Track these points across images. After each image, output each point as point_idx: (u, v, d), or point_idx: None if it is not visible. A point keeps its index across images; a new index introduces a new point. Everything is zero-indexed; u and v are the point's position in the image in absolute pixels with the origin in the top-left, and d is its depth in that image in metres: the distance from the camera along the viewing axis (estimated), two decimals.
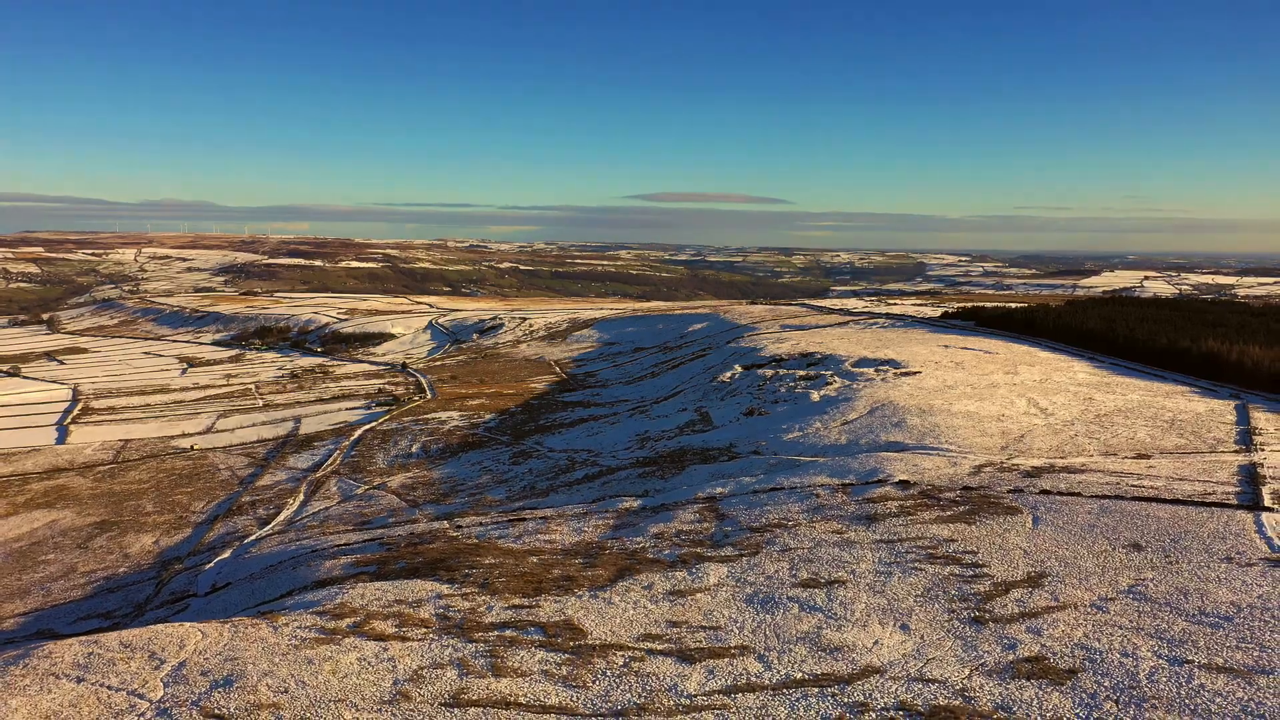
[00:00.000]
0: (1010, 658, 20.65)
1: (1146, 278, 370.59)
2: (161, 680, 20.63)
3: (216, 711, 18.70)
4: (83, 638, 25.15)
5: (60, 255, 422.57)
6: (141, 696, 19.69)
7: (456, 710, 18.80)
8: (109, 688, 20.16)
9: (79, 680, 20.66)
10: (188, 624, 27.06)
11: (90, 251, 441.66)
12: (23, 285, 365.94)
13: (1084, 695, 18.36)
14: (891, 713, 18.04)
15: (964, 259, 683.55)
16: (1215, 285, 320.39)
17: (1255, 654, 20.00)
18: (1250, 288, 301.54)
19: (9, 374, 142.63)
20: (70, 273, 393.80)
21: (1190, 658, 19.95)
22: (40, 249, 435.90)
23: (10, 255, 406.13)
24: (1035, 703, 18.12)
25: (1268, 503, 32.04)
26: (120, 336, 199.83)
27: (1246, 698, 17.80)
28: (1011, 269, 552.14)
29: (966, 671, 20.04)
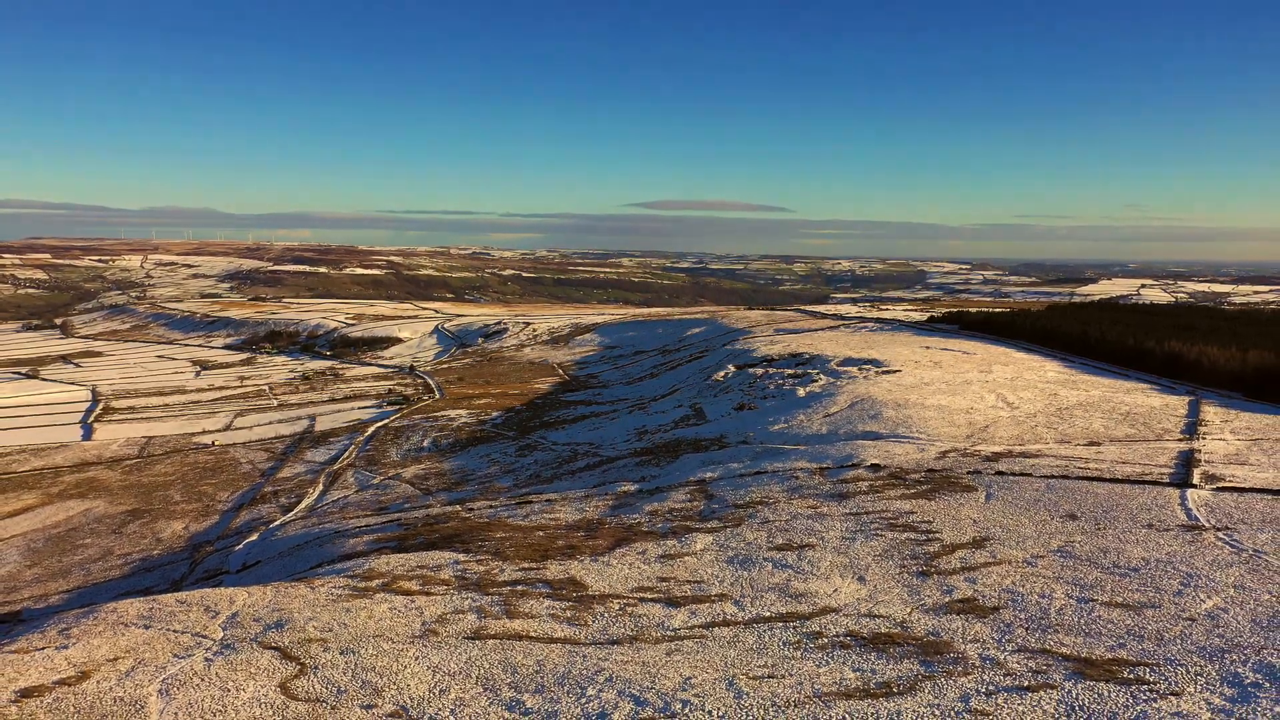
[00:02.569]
0: (946, 599, 24.31)
1: (1144, 285, 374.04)
2: (220, 625, 23.51)
3: (273, 645, 21.91)
4: (141, 597, 28.55)
5: (67, 261, 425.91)
6: (205, 636, 22.55)
7: (477, 642, 22.18)
8: (175, 631, 23.03)
9: (146, 627, 23.40)
10: (232, 588, 30.67)
11: (97, 258, 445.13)
12: (31, 291, 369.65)
13: (1001, 624, 22.07)
14: (841, 638, 21.70)
15: (964, 267, 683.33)
16: (1211, 293, 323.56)
17: (1150, 594, 23.72)
18: (1245, 295, 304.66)
19: (28, 375, 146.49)
20: (77, 279, 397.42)
21: (1095, 597, 23.64)
22: (47, 255, 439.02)
23: (18, 261, 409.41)
24: (960, 630, 21.82)
25: (1195, 481, 35.66)
26: (133, 341, 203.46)
27: (1133, 623, 21.53)
28: (1011, 277, 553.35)
29: (908, 610, 23.73)
